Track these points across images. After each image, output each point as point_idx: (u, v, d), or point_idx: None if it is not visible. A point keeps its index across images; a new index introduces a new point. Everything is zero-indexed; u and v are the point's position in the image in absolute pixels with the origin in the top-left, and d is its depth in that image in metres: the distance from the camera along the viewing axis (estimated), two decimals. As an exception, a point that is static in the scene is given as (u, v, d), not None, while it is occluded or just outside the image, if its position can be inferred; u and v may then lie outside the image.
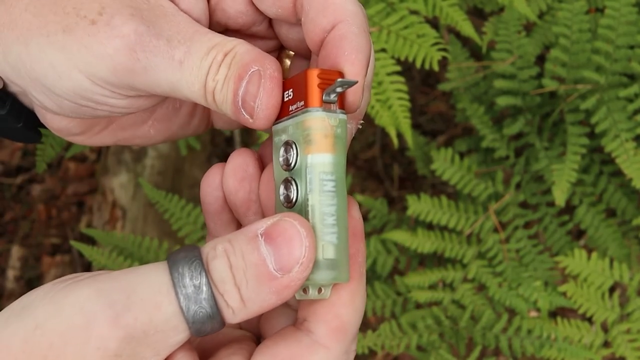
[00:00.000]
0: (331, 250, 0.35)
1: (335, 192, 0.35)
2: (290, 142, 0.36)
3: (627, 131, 1.00)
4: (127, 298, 0.33)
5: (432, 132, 1.68)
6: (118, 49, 0.35)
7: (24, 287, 1.71)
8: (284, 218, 0.34)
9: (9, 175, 1.82)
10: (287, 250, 0.34)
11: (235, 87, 0.35)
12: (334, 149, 0.36)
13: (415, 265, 1.16)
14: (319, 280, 0.35)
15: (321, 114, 0.35)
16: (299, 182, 0.36)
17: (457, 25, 0.97)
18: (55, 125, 0.42)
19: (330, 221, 0.35)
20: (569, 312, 1.40)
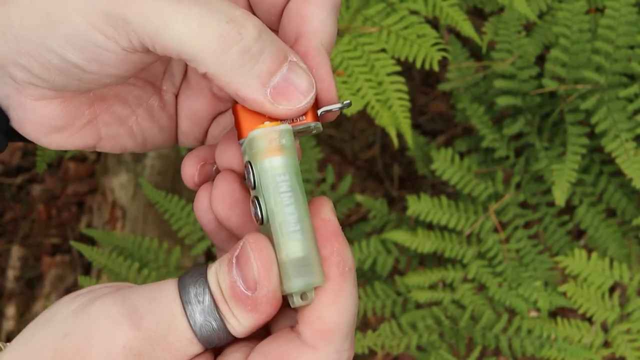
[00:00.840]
0: (299, 255, 0.36)
1: (291, 193, 0.36)
2: (247, 163, 0.37)
3: (627, 131, 1.00)
4: (148, 304, 0.36)
5: (432, 132, 1.68)
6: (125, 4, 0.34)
7: (24, 287, 1.71)
8: (245, 240, 0.36)
9: (9, 175, 1.82)
10: (247, 271, 0.35)
11: (272, 66, 0.35)
12: (282, 153, 0.36)
13: (415, 265, 1.16)
14: (293, 288, 0.36)
15: (261, 130, 0.36)
16: (260, 198, 0.36)
17: (457, 25, 0.97)
18: (35, 117, 0.40)
19: (292, 225, 0.36)
20: (569, 312, 1.40)
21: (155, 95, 0.44)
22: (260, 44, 0.34)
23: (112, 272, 1.04)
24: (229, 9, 0.34)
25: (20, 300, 1.69)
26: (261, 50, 0.35)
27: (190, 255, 1.41)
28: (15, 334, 1.64)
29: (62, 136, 0.41)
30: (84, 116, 0.41)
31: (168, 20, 0.34)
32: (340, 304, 0.36)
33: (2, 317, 1.67)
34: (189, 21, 0.34)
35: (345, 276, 0.37)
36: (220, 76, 0.35)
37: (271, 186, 0.36)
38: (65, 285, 1.69)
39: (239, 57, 0.34)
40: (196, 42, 0.34)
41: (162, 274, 1.07)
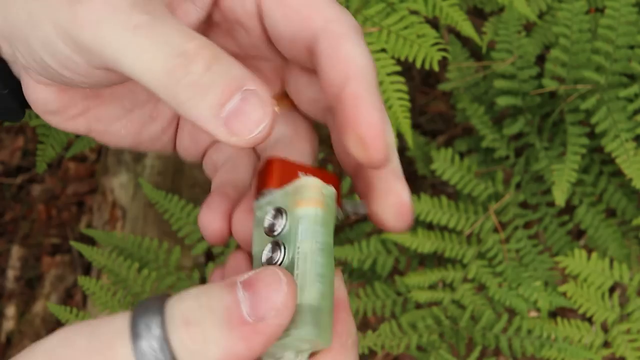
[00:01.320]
0: (316, 304, 0.34)
1: (324, 249, 0.35)
2: (280, 209, 0.36)
3: (627, 131, 1.00)
4: (89, 343, 0.32)
5: (432, 132, 1.68)
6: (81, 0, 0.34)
7: (24, 287, 1.71)
8: (265, 267, 0.34)
9: (9, 175, 1.82)
10: (264, 295, 0.32)
11: (222, 97, 0.33)
12: (325, 207, 0.36)
13: (415, 265, 1.16)
14: (302, 335, 0.33)
15: (316, 181, 0.36)
16: (286, 244, 0.35)
17: (457, 25, 0.97)
18: (35, 97, 0.41)
19: (317, 275, 0.35)
20: (569, 312, 1.40)
21: (151, 104, 0.44)
22: (209, 76, 0.33)
23: (112, 272, 1.04)
24: (183, 41, 0.34)
25: (20, 300, 1.69)
26: (210, 83, 0.33)
27: (190, 255, 1.41)
28: (15, 333, 1.64)
29: (56, 119, 0.42)
30: (76, 107, 0.42)
31: (122, 50, 0.34)
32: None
33: (2, 317, 1.67)
34: (142, 54, 0.33)
35: (348, 349, 0.35)
36: (177, 107, 0.34)
37: (310, 233, 0.35)
38: (65, 285, 1.69)
39: (188, 90, 0.33)
40: (149, 75, 0.34)
41: (162, 273, 1.07)
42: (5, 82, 0.41)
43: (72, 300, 1.68)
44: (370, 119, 0.36)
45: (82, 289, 1.04)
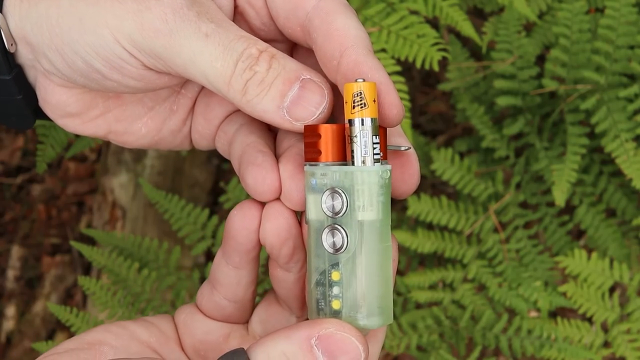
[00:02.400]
0: (381, 295, 0.37)
1: (386, 236, 0.37)
2: (336, 189, 0.37)
3: (627, 131, 1.00)
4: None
5: (432, 132, 1.68)
6: (150, 8, 0.37)
7: (24, 287, 1.71)
8: (338, 332, 0.36)
9: (9, 175, 1.82)
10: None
11: (284, 88, 0.37)
12: (386, 200, 0.37)
13: (415, 265, 1.16)
14: (371, 325, 0.36)
15: (375, 167, 0.37)
16: (347, 230, 0.37)
17: (457, 25, 0.97)
18: (54, 100, 0.42)
19: (381, 267, 0.37)
20: (569, 312, 1.40)
21: (172, 97, 0.45)
22: (271, 73, 0.37)
23: (112, 272, 1.04)
24: (247, 47, 0.37)
25: (20, 300, 1.69)
26: (273, 78, 0.37)
27: (190, 255, 1.41)
28: (15, 333, 1.64)
29: (75, 122, 0.43)
30: (97, 108, 0.43)
31: (196, 58, 0.37)
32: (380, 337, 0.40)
33: (2, 317, 1.67)
34: (214, 61, 0.37)
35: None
36: (243, 106, 0.38)
37: (375, 241, 0.37)
38: (65, 285, 1.69)
39: (254, 89, 0.37)
40: (218, 79, 0.37)
41: (162, 274, 1.07)
42: (20, 87, 0.42)
43: (72, 300, 1.68)
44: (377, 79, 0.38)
45: (82, 289, 1.04)
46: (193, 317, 0.44)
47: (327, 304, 0.37)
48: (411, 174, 0.40)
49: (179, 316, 0.45)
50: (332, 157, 0.38)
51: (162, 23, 0.37)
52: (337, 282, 0.37)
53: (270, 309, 0.44)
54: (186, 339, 0.44)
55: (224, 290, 0.43)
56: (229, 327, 0.44)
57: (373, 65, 0.38)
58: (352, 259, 0.36)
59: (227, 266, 0.43)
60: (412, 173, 0.40)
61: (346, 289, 0.37)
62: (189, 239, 1.09)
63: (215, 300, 0.44)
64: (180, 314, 0.45)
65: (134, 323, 0.43)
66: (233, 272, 0.42)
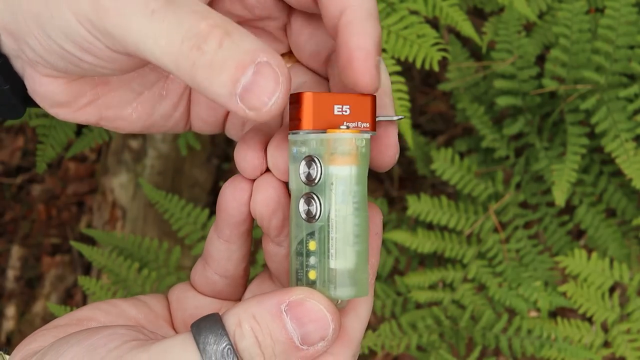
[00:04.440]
0: (353, 266, 0.36)
1: (360, 204, 0.36)
2: (313, 157, 0.37)
3: (627, 131, 1.00)
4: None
5: (432, 132, 1.68)
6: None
7: (24, 287, 1.71)
8: (308, 299, 0.36)
9: (9, 175, 1.82)
10: (313, 329, 0.36)
11: (236, 73, 0.34)
12: (359, 162, 0.36)
13: (415, 265, 1.16)
14: (342, 296, 0.36)
15: (350, 135, 0.36)
16: (322, 197, 0.36)
17: (457, 25, 0.97)
18: (42, 90, 0.41)
19: (354, 237, 0.36)
20: (569, 312, 1.40)
21: (161, 82, 0.44)
22: (221, 54, 0.34)
23: (112, 272, 1.04)
24: (196, 22, 0.34)
25: (20, 300, 1.69)
26: (223, 61, 0.34)
27: (190, 255, 1.41)
28: (15, 333, 1.64)
29: (65, 111, 0.43)
30: (85, 96, 0.42)
31: (142, 36, 0.34)
32: (360, 314, 0.38)
33: (2, 317, 1.67)
34: (158, 39, 0.34)
35: (372, 289, 0.38)
36: (196, 87, 0.35)
37: (345, 195, 0.36)
38: (65, 285, 1.69)
39: (203, 71, 0.34)
40: (166, 58, 0.35)
41: (162, 273, 1.07)
42: (6, 77, 0.41)
43: (72, 300, 1.68)
44: (360, 42, 0.36)
45: (82, 289, 1.04)
46: (186, 294, 0.45)
47: (304, 274, 0.37)
48: (387, 145, 0.39)
49: (172, 294, 0.46)
50: (312, 125, 0.37)
51: (112, 1, 0.35)
52: (314, 252, 0.37)
53: (263, 286, 0.44)
54: (178, 314, 0.45)
55: (215, 265, 0.43)
56: (219, 303, 0.45)
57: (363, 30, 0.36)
58: (325, 227, 0.36)
59: (218, 240, 0.43)
60: (388, 144, 0.39)
61: (320, 258, 0.36)
62: (189, 239, 1.09)
63: (207, 275, 0.44)
64: (174, 291, 0.46)
65: (124, 301, 0.44)
66: (224, 247, 0.43)
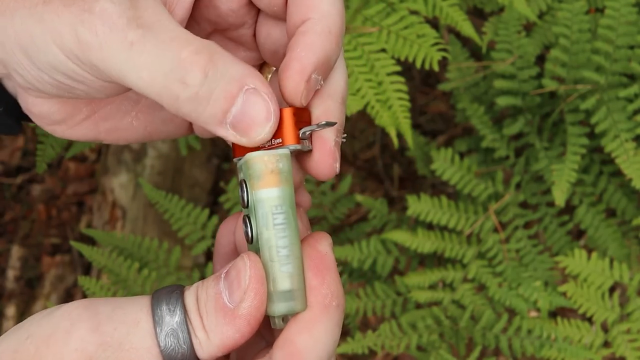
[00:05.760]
0: (285, 282, 0.36)
1: (285, 224, 0.36)
2: (242, 182, 0.37)
3: (627, 131, 1.00)
4: (112, 311, 0.36)
5: (432, 132, 1.68)
6: (83, 21, 0.35)
7: (24, 287, 1.71)
8: (240, 256, 0.36)
9: (9, 175, 1.82)
10: (236, 282, 0.36)
11: (225, 104, 0.34)
12: (279, 182, 0.36)
13: (415, 265, 1.16)
14: (275, 311, 0.36)
15: (260, 153, 0.36)
16: (252, 219, 0.37)
17: (457, 25, 0.97)
18: (36, 111, 0.41)
19: (283, 253, 0.36)
20: (569, 312, 1.40)
21: None
22: (207, 85, 0.34)
23: (112, 272, 1.04)
24: (177, 51, 0.34)
25: (20, 300, 1.69)
26: (209, 92, 0.34)
27: (190, 255, 1.41)
28: (15, 334, 1.64)
29: (62, 127, 0.43)
30: (81, 112, 0.42)
31: (124, 69, 0.34)
32: (316, 334, 0.36)
33: (2, 317, 1.67)
34: (140, 72, 0.34)
35: (329, 309, 0.37)
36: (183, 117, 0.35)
37: (267, 217, 0.36)
38: (65, 285, 1.69)
39: (189, 103, 0.34)
40: (151, 90, 0.35)
41: (162, 274, 1.07)
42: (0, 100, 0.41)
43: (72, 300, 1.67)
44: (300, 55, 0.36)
45: (82, 289, 1.04)
46: None
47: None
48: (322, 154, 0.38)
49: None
50: (237, 151, 0.38)
51: (92, 36, 0.35)
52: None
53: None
54: None
55: None
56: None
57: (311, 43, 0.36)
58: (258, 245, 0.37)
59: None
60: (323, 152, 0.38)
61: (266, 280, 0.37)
62: (189, 239, 1.09)
63: None
64: None
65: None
66: None
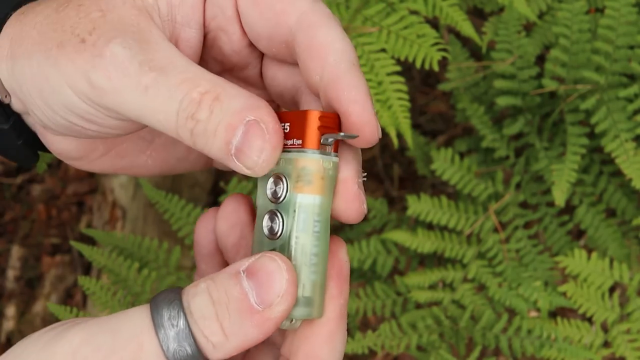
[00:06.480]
0: (310, 288, 0.37)
1: (320, 233, 0.37)
2: (280, 176, 0.37)
3: (627, 131, 1.00)
4: (113, 340, 0.34)
5: (432, 132, 1.68)
6: (95, 67, 0.36)
7: (24, 287, 1.71)
8: (264, 255, 0.36)
9: (9, 175, 1.82)
10: (267, 284, 0.35)
11: (227, 136, 0.35)
12: (324, 191, 0.37)
13: (415, 265, 1.16)
14: (294, 315, 0.36)
15: (318, 156, 0.37)
16: (285, 217, 0.37)
17: (457, 25, 0.97)
18: (55, 148, 0.43)
19: (313, 261, 0.37)
20: (569, 312, 1.40)
21: None
22: (213, 120, 0.35)
23: (112, 272, 1.04)
24: (188, 91, 0.36)
25: (20, 300, 1.69)
26: (215, 125, 0.35)
27: (190, 255, 1.41)
28: (15, 333, 1.64)
29: (81, 163, 0.44)
30: (97, 150, 0.44)
31: (140, 111, 0.36)
32: (336, 344, 0.37)
33: (2, 317, 1.67)
34: (156, 114, 0.36)
35: (344, 320, 0.38)
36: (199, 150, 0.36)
37: (308, 222, 0.37)
38: (65, 285, 1.69)
39: (201, 137, 0.36)
40: (167, 129, 0.36)
41: (162, 273, 1.07)
42: (19, 133, 0.42)
43: (72, 300, 1.68)
44: (352, 96, 0.36)
45: (82, 288, 1.04)
46: None
47: None
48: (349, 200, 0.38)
49: None
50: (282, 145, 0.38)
51: (106, 81, 0.36)
52: None
53: None
54: None
55: None
56: None
57: (351, 82, 0.36)
58: (285, 246, 0.37)
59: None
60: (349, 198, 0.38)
61: None
62: (189, 239, 1.09)
63: None
64: None
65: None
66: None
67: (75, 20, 0.38)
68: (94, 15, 0.37)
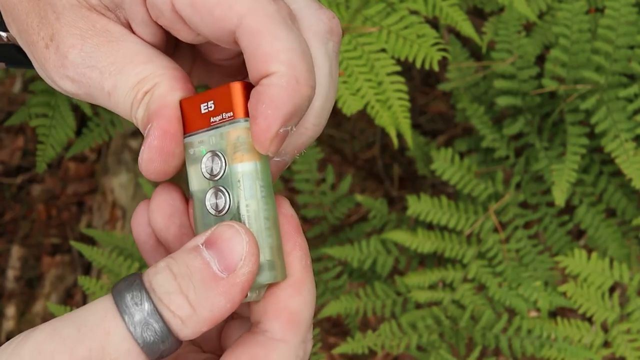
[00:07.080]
0: (269, 251, 0.37)
1: (267, 197, 0.37)
2: (216, 152, 0.37)
3: (627, 131, 1.00)
4: (78, 331, 0.34)
5: (432, 132, 1.68)
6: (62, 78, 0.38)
7: (24, 287, 1.71)
8: (220, 225, 0.35)
9: (9, 175, 1.82)
10: (228, 250, 0.35)
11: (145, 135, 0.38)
12: (261, 155, 0.37)
13: (415, 265, 1.16)
14: (261, 281, 0.36)
15: (246, 124, 0.37)
16: (230, 190, 0.37)
17: (457, 25, 0.97)
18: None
19: (266, 225, 0.37)
20: (569, 312, 1.40)
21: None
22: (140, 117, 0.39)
23: (112, 272, 1.04)
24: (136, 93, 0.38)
25: (20, 300, 1.69)
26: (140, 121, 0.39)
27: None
28: (15, 333, 1.64)
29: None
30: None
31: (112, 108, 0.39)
32: (304, 295, 0.37)
33: (2, 317, 1.67)
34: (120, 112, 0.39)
35: (308, 270, 0.38)
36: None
37: (254, 188, 0.37)
38: (65, 285, 1.69)
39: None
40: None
41: (162, 274, 1.07)
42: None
43: (72, 300, 1.68)
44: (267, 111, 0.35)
45: (82, 288, 1.04)
46: None
47: None
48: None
49: None
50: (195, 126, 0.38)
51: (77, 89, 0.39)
52: None
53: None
54: None
55: None
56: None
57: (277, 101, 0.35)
58: (237, 216, 0.37)
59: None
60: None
61: None
62: (189, 239, 1.09)
63: None
64: None
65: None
66: None
67: (38, 20, 0.38)
68: (50, 16, 0.38)
